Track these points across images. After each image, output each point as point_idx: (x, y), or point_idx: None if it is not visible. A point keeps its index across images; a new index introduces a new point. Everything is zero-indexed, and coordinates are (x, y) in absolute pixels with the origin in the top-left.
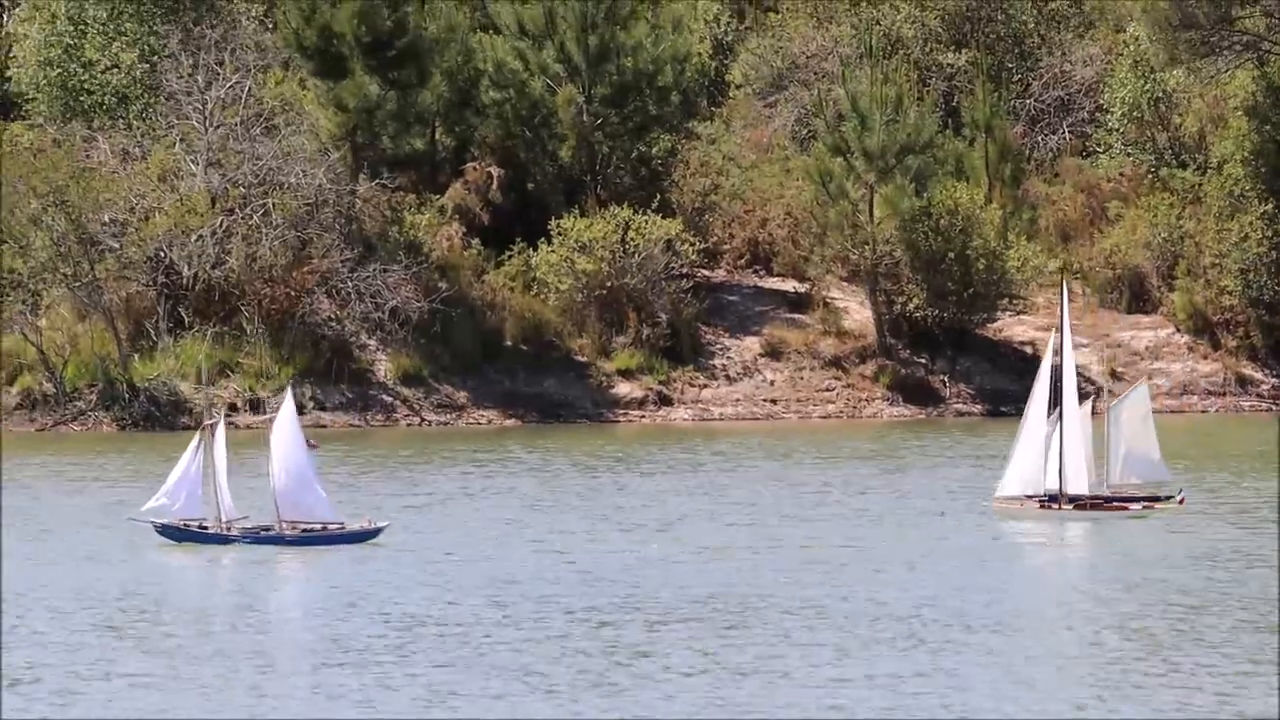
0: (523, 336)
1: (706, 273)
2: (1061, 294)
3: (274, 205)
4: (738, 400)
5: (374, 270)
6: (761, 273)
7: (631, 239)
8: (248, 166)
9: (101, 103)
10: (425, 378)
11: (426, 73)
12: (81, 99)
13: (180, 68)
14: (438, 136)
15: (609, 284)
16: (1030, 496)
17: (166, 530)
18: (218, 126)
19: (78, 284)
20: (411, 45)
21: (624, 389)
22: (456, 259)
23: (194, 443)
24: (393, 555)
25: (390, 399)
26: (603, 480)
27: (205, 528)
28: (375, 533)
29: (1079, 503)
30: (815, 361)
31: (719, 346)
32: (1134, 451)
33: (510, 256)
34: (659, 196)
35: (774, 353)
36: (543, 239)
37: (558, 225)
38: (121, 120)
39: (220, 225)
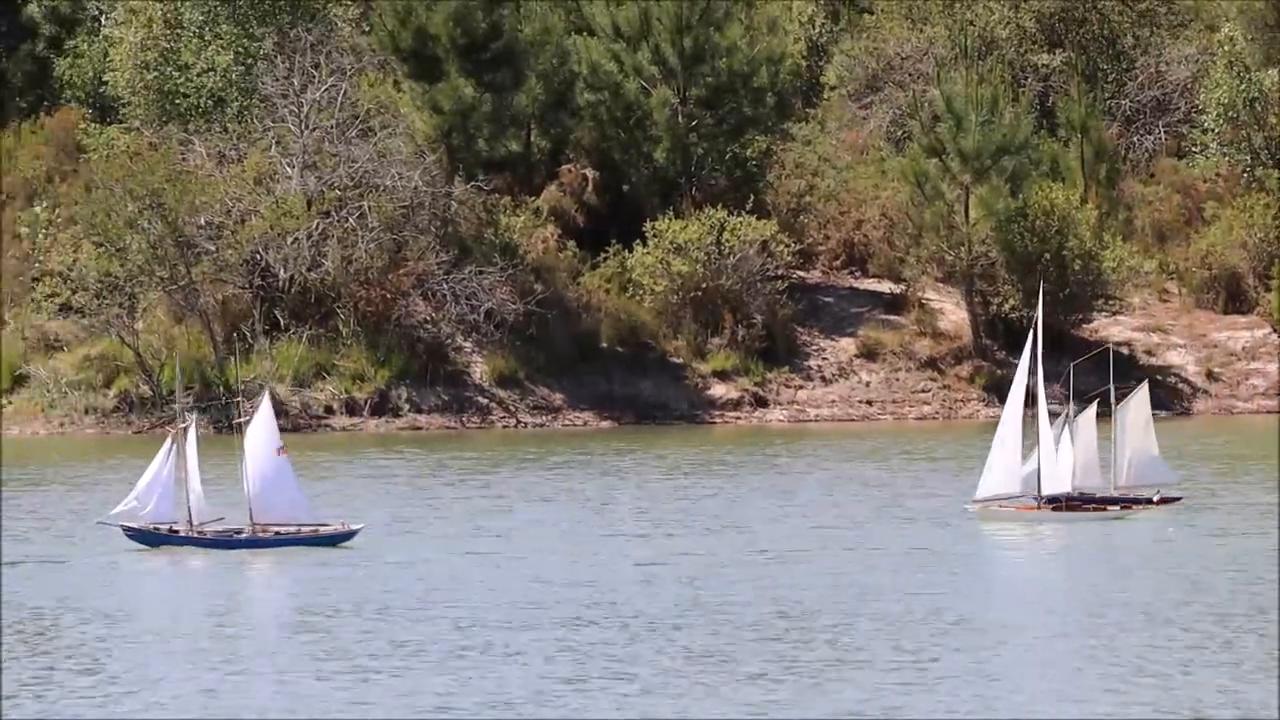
0: (618, 338)
1: (802, 274)
2: (1039, 297)
3: (370, 208)
4: (833, 401)
5: (469, 272)
6: (857, 274)
7: (726, 240)
8: (343, 169)
9: (197, 106)
10: (521, 379)
11: (522, 75)
12: (177, 102)
13: (276, 70)
14: (533, 138)
15: (704, 285)
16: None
17: (135, 534)
18: (313, 129)
19: (174, 287)
20: (507, 47)
21: (719, 390)
22: (552, 261)
23: (166, 446)
24: (454, 558)
25: (486, 401)
26: (678, 483)
27: (175, 530)
28: (350, 535)
29: (1057, 504)
30: (911, 363)
31: (814, 348)
32: (1138, 453)
33: (605, 258)
34: (754, 198)
35: (869, 354)
36: (638, 241)
37: (653, 227)
38: (217, 123)
39: (316, 228)
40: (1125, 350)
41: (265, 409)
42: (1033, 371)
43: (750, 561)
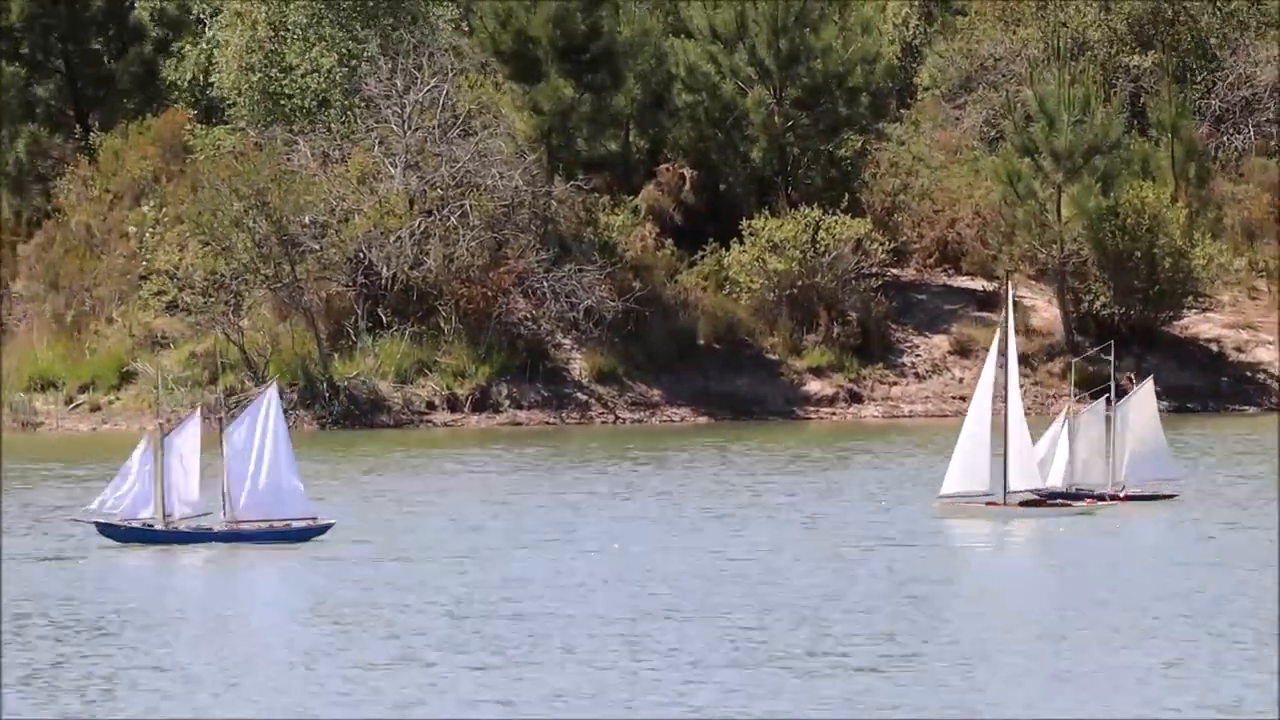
0: (715, 335)
1: (896, 272)
2: (1006, 293)
3: (471, 207)
4: (927, 397)
5: (569, 270)
6: (950, 271)
7: (822, 239)
8: (445, 169)
9: (302, 106)
10: (619, 376)
11: (620, 76)
12: (282, 103)
13: (379, 72)
14: (631, 138)
15: (800, 283)
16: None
17: (107, 529)
18: (416, 129)
19: (279, 285)
20: (605, 49)
21: (815, 386)
22: (650, 259)
23: (143, 444)
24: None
25: (585, 397)
26: (765, 478)
27: (150, 526)
28: (322, 530)
29: (1032, 501)
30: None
31: (908, 344)
32: (1140, 450)
33: (703, 256)
34: (849, 197)
35: (963, 350)
36: (734, 239)
37: (749, 225)
38: (321, 124)
39: (418, 226)
40: (1214, 347)
41: (273, 400)
42: (1002, 366)
43: (814, 556)
